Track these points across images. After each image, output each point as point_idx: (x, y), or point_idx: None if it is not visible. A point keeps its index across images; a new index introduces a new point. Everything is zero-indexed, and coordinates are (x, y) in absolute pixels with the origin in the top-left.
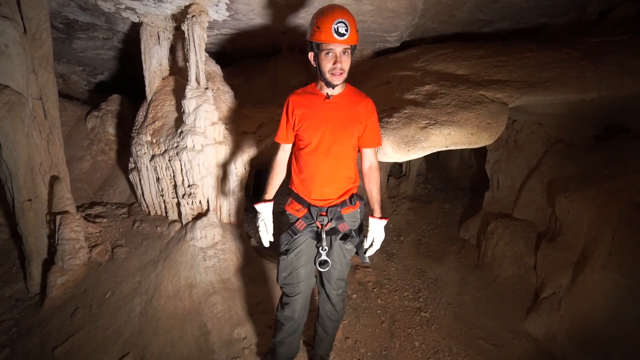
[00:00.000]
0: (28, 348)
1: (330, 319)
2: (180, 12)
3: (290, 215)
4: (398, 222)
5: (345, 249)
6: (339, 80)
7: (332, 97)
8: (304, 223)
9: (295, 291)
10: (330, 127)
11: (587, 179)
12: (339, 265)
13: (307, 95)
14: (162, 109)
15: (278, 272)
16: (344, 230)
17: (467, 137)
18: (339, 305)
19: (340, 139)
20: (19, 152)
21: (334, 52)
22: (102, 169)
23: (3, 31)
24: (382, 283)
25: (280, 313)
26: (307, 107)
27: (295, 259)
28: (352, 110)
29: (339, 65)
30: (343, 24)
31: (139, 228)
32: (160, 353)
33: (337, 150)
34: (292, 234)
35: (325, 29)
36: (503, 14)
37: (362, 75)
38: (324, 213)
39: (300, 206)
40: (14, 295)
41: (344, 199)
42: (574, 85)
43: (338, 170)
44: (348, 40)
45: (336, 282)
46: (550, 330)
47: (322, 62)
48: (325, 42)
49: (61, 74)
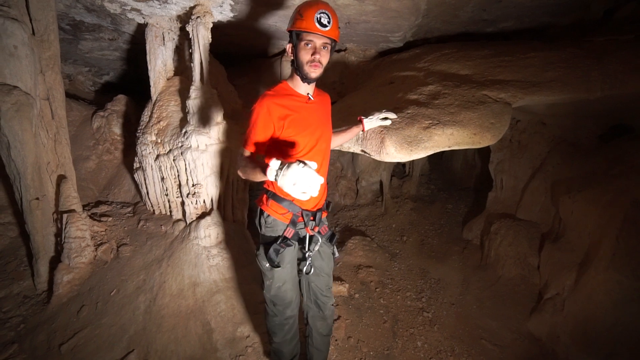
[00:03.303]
0: (35, 344)
1: (322, 334)
2: (185, 13)
3: (270, 218)
4: (401, 222)
5: (331, 252)
6: (316, 72)
7: (312, 97)
8: (292, 230)
9: (288, 297)
10: (320, 128)
11: (591, 180)
12: (328, 269)
13: (286, 97)
14: (167, 109)
15: (269, 284)
16: (325, 232)
17: (470, 137)
18: (331, 318)
19: (327, 137)
20: (27, 151)
21: (314, 43)
22: (108, 169)
23: (12, 33)
24: (384, 283)
25: (277, 318)
26: (293, 110)
27: (289, 267)
28: (327, 107)
29: (318, 56)
30: (326, 15)
31: (143, 227)
32: (164, 350)
33: (325, 149)
34: (285, 246)
35: (307, 17)
36: (507, 13)
37: (365, 75)
38: (313, 217)
39: (285, 210)
40: (21, 292)
41: (325, 202)
42: (578, 85)
43: (325, 169)
44: (329, 32)
45: (327, 291)
46: (554, 331)
47: (300, 52)
48: (306, 31)
49: (68, 74)
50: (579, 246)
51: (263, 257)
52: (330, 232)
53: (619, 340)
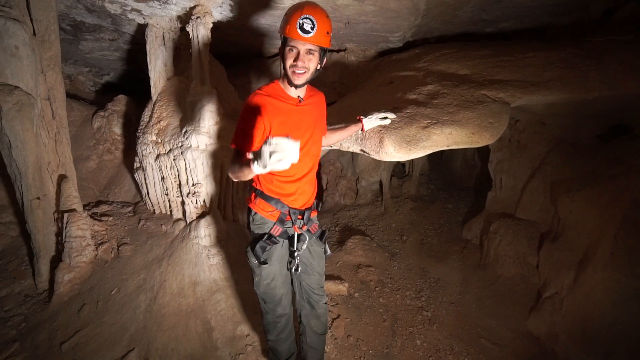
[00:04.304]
0: (36, 343)
1: (317, 333)
2: (185, 14)
3: (258, 216)
4: (401, 222)
5: (322, 250)
6: (300, 80)
7: (303, 100)
8: (279, 228)
9: (278, 294)
10: (310, 130)
11: (590, 179)
12: (319, 267)
13: (276, 98)
14: (167, 109)
15: (257, 280)
16: (315, 231)
17: (468, 136)
18: (325, 316)
19: (316, 139)
20: (28, 151)
21: (297, 49)
22: (108, 168)
23: (14, 33)
24: (384, 282)
25: (269, 316)
26: (283, 112)
27: (277, 264)
28: (320, 109)
29: (300, 63)
30: (309, 21)
31: (144, 226)
32: (164, 349)
33: (315, 151)
34: (271, 243)
35: (291, 23)
36: (506, 13)
37: (365, 75)
38: (301, 216)
39: (273, 208)
40: (23, 291)
41: (315, 201)
42: (576, 85)
43: (314, 170)
44: (312, 39)
45: (319, 289)
46: (553, 330)
47: (285, 57)
48: (288, 37)
49: (68, 74)
50: (577, 245)
51: (251, 254)
52: (321, 231)
53: (617, 339)
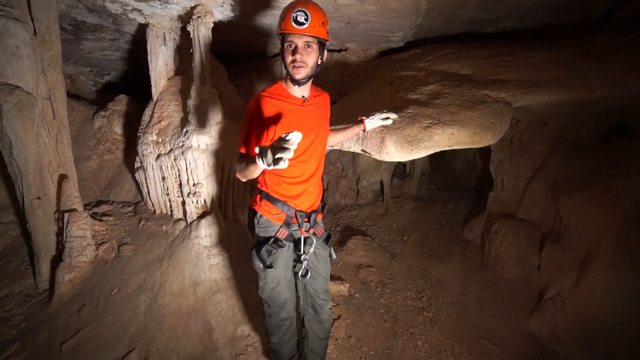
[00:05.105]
0: (37, 343)
1: (320, 338)
2: (185, 13)
3: (263, 219)
4: (402, 222)
5: (327, 254)
6: (300, 74)
7: (307, 100)
8: (285, 231)
9: (282, 298)
10: (315, 130)
11: (592, 179)
12: (324, 271)
13: (280, 99)
14: (168, 108)
15: (262, 285)
16: (321, 234)
17: (470, 136)
18: (328, 322)
19: (321, 139)
20: (29, 151)
21: (295, 44)
22: (109, 168)
23: (14, 33)
24: (385, 282)
25: (272, 319)
26: (287, 113)
27: (283, 268)
28: (324, 109)
29: (299, 56)
30: (303, 13)
31: (144, 226)
32: (164, 349)
33: (320, 152)
34: (277, 247)
35: (286, 19)
36: (508, 13)
37: (366, 75)
38: (307, 219)
39: (278, 211)
40: (23, 291)
41: (320, 204)
42: (578, 85)
43: (320, 170)
44: (308, 30)
45: (324, 294)
46: (554, 331)
47: (284, 54)
48: (285, 32)
49: (69, 74)
50: (579, 246)
51: (256, 258)
52: (327, 234)
53: (619, 339)
